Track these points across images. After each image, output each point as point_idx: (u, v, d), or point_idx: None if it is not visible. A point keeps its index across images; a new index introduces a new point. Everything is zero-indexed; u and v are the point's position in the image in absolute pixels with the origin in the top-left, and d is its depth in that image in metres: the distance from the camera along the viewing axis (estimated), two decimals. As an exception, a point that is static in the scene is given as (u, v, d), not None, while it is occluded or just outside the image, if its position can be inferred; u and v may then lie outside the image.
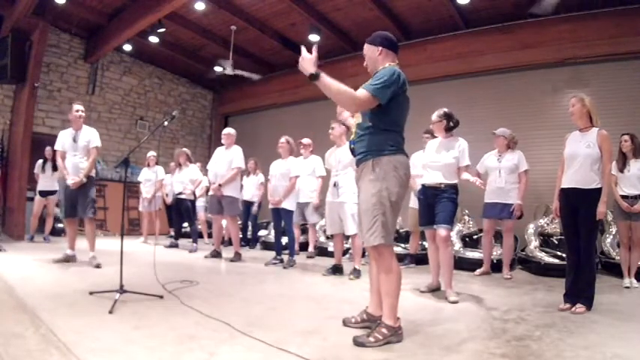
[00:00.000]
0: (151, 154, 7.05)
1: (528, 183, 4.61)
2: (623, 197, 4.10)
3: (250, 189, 6.72)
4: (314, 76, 2.10)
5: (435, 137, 3.79)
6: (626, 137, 4.20)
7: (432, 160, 3.58)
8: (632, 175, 4.11)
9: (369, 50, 2.39)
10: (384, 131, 2.21)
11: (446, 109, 3.65)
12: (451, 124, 3.63)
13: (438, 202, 3.46)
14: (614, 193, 4.11)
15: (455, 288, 3.39)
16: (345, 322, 2.47)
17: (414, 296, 3.48)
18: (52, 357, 1.83)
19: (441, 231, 3.39)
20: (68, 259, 4.35)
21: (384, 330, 2.15)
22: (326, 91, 2.14)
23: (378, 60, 2.35)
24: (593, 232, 3.08)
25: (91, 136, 4.44)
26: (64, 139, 4.41)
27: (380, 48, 2.35)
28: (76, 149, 4.35)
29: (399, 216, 2.29)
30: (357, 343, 2.13)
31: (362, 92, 2.16)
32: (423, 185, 3.62)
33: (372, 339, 2.12)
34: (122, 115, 9.35)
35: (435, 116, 3.65)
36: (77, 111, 4.39)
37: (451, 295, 3.28)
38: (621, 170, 4.17)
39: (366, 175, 2.24)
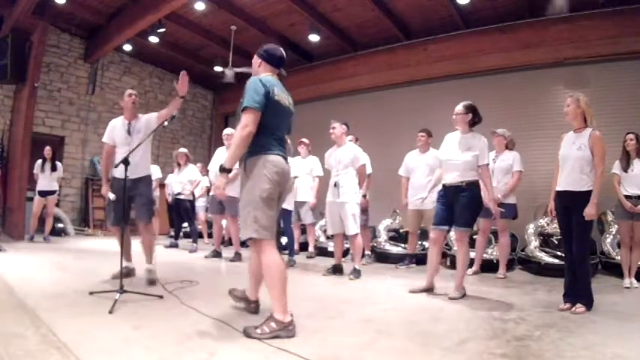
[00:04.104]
0: None
1: (518, 182, 4.53)
2: (627, 197, 4.04)
3: None
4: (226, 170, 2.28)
5: (431, 137, 3.73)
6: (631, 136, 4.14)
7: (451, 159, 3.41)
8: (635, 174, 4.05)
9: (253, 60, 2.55)
10: (258, 134, 2.29)
11: (471, 103, 3.46)
12: (476, 119, 3.44)
13: (458, 202, 3.33)
14: (617, 193, 4.10)
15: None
16: (230, 291, 2.81)
17: (414, 296, 3.47)
18: (52, 357, 1.83)
19: (460, 233, 3.39)
20: (130, 274, 3.67)
21: (272, 324, 2.19)
22: (236, 157, 2.29)
23: (258, 71, 2.50)
24: (585, 233, 3.03)
25: (147, 125, 3.72)
26: (114, 131, 3.71)
27: (260, 60, 2.50)
28: (131, 143, 3.58)
29: (276, 211, 2.38)
30: (245, 333, 2.20)
31: (244, 117, 2.25)
32: (444, 185, 3.47)
33: (258, 331, 2.18)
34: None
35: (460, 107, 3.44)
36: (130, 95, 3.73)
37: (454, 292, 3.28)
38: (625, 170, 4.11)
39: (242, 174, 2.38)
